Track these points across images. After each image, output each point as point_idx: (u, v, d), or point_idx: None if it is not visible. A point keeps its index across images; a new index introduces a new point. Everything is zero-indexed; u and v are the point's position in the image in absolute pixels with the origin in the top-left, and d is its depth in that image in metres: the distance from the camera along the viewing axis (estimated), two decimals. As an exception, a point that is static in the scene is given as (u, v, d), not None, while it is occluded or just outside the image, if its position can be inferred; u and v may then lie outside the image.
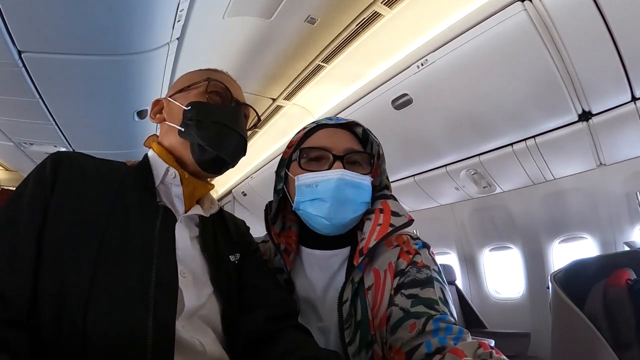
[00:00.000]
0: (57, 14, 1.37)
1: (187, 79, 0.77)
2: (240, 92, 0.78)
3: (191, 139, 0.69)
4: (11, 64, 1.64)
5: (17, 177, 4.88)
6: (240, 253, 0.76)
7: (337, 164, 0.73)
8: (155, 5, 1.42)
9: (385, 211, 0.76)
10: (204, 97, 0.72)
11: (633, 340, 1.17)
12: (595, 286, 1.33)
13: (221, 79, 0.75)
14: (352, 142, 0.78)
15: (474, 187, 2.92)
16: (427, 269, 0.71)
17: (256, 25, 1.97)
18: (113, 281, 0.54)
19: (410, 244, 0.76)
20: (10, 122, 2.40)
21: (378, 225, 0.73)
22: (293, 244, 0.82)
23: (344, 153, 0.74)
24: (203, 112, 0.70)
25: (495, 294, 3.21)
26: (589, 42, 1.63)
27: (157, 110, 0.77)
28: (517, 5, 1.61)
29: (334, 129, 0.79)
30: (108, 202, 0.61)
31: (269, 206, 0.83)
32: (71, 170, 0.62)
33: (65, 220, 0.57)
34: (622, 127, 1.98)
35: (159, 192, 0.69)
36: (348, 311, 0.71)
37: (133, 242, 0.59)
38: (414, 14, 1.91)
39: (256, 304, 0.69)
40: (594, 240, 2.48)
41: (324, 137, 0.77)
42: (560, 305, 1.21)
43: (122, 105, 2.20)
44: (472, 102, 2.15)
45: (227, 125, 0.70)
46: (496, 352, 0.52)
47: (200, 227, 0.72)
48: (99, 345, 0.51)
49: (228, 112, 0.72)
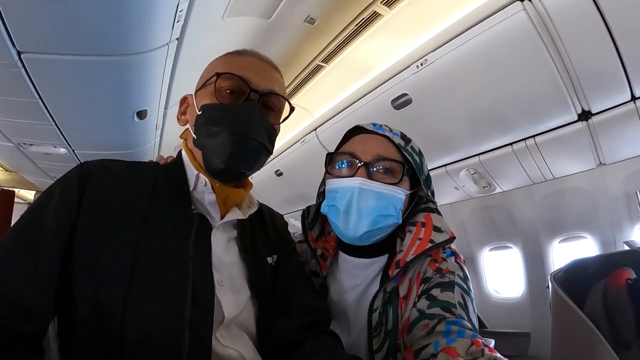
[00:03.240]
0: (56, 14, 1.37)
1: (206, 71, 0.69)
2: (267, 75, 0.67)
3: (202, 149, 0.64)
4: (11, 65, 1.64)
5: (16, 178, 4.87)
6: (277, 254, 0.72)
7: (361, 171, 0.70)
8: (155, 5, 1.41)
9: (427, 225, 0.73)
10: (214, 97, 0.64)
11: (633, 340, 1.17)
12: (595, 286, 1.33)
13: (238, 66, 0.65)
14: (386, 149, 0.73)
15: (473, 186, 2.92)
16: (452, 274, 0.70)
17: (256, 25, 1.97)
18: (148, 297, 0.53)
19: (440, 253, 0.74)
20: (10, 122, 2.40)
21: (418, 240, 0.71)
22: (331, 249, 0.79)
23: (373, 159, 0.70)
24: (210, 118, 0.63)
25: (495, 294, 3.21)
26: (588, 41, 1.63)
27: (183, 110, 0.71)
28: (517, 5, 1.61)
29: (370, 134, 0.75)
30: (140, 213, 0.58)
31: (307, 211, 0.81)
32: (99, 181, 0.58)
33: (97, 233, 0.54)
34: (622, 126, 1.98)
35: (194, 199, 0.65)
36: (378, 319, 0.70)
37: (167, 256, 0.57)
38: (414, 13, 1.91)
39: (290, 310, 0.67)
40: (593, 240, 2.48)
41: (356, 143, 0.75)
42: (560, 304, 1.21)
43: (121, 105, 2.20)
44: (472, 101, 2.15)
45: (234, 132, 0.61)
46: (489, 349, 0.51)
47: (238, 228, 0.69)
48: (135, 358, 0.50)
49: (238, 113, 0.62)
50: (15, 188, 5.15)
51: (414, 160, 0.75)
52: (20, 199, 5.65)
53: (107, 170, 0.61)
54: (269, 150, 0.67)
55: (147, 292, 0.53)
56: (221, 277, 0.61)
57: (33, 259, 0.51)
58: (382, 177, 0.70)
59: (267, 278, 0.68)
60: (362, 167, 0.69)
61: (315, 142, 2.89)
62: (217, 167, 0.63)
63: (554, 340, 1.31)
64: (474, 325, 0.64)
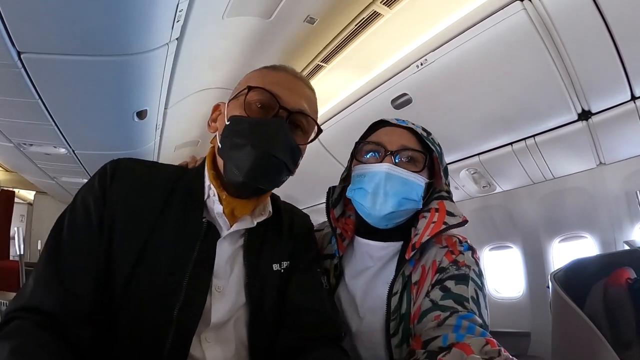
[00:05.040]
0: (56, 14, 1.37)
1: (242, 82, 0.69)
2: (299, 93, 0.68)
3: (223, 157, 0.66)
4: (10, 65, 1.64)
5: (16, 178, 4.88)
6: (290, 261, 0.72)
7: (388, 159, 0.76)
8: (155, 5, 1.41)
9: (440, 210, 0.78)
10: (243, 109, 0.64)
11: (633, 339, 1.17)
12: (595, 285, 1.33)
13: (271, 81, 0.66)
14: (410, 140, 0.79)
15: (473, 186, 2.92)
16: (467, 268, 0.73)
17: (256, 25, 1.97)
18: (142, 297, 0.58)
19: (457, 246, 0.77)
20: (10, 122, 2.40)
21: (432, 223, 0.76)
22: (350, 231, 0.85)
23: (398, 149, 0.77)
24: (236, 130, 0.64)
25: (496, 294, 3.21)
26: (588, 41, 1.63)
27: (214, 117, 0.72)
28: (517, 5, 1.61)
29: (394, 127, 0.81)
30: (151, 217, 0.62)
31: (332, 190, 0.87)
32: (123, 181, 0.64)
33: (117, 230, 0.60)
34: (622, 126, 1.98)
35: (207, 207, 0.67)
36: (396, 303, 0.73)
37: (168, 261, 0.61)
38: (414, 13, 1.91)
39: (299, 324, 0.68)
40: (593, 240, 2.47)
41: (382, 134, 0.80)
42: (560, 304, 1.21)
43: (121, 105, 2.20)
44: (472, 101, 2.15)
45: (256, 147, 0.61)
46: (504, 350, 0.52)
47: (246, 236, 0.69)
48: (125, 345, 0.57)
49: (264, 129, 0.62)
50: (15, 188, 5.15)
51: (436, 149, 0.80)
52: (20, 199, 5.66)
53: (128, 170, 0.65)
54: (290, 169, 0.67)
55: (142, 292, 0.58)
56: (220, 284, 0.64)
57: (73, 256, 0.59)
58: (406, 165, 0.77)
59: (268, 286, 0.68)
60: (389, 155, 0.75)
61: (315, 141, 2.88)
62: (235, 180, 0.64)
63: (554, 340, 1.31)
64: (485, 321, 0.66)
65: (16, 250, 2.68)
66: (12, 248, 4.42)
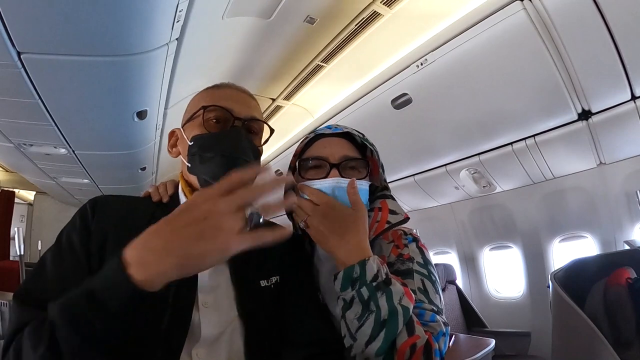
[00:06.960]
0: (56, 15, 1.37)
1: (191, 106, 0.75)
2: (246, 103, 0.75)
3: (197, 174, 0.70)
4: (10, 65, 1.64)
5: (16, 179, 4.88)
6: (279, 275, 0.73)
7: (334, 172, 0.78)
8: (155, 5, 1.41)
9: (383, 209, 0.82)
10: (202, 127, 0.71)
11: (634, 339, 1.17)
12: (595, 285, 1.33)
13: (220, 98, 0.73)
14: (349, 149, 0.82)
15: (474, 186, 2.92)
16: (411, 261, 0.76)
17: (255, 26, 1.97)
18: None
19: (402, 239, 0.81)
20: (10, 123, 2.40)
21: (376, 222, 0.79)
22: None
23: (340, 161, 0.79)
24: (202, 146, 0.70)
25: (496, 293, 3.21)
26: (588, 41, 1.63)
27: (173, 143, 0.77)
28: (517, 5, 1.61)
29: (331, 138, 0.84)
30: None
31: None
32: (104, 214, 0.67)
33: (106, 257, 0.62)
34: (622, 125, 1.99)
35: None
36: None
37: None
38: (413, 13, 1.91)
39: (299, 340, 0.69)
40: (594, 239, 2.48)
41: (321, 147, 0.82)
42: (560, 304, 1.21)
43: (121, 106, 2.20)
44: (472, 101, 2.15)
45: (225, 155, 0.68)
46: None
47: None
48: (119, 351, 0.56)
49: (226, 139, 0.70)
50: (15, 188, 5.15)
51: (372, 147, 0.84)
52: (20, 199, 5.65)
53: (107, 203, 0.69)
54: None
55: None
56: (206, 299, 0.65)
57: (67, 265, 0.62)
58: (351, 174, 0.79)
59: (259, 301, 0.70)
60: (334, 168, 0.79)
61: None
62: None
63: (554, 339, 1.31)
64: (437, 305, 0.71)
65: (16, 251, 2.67)
66: (12, 248, 4.42)
